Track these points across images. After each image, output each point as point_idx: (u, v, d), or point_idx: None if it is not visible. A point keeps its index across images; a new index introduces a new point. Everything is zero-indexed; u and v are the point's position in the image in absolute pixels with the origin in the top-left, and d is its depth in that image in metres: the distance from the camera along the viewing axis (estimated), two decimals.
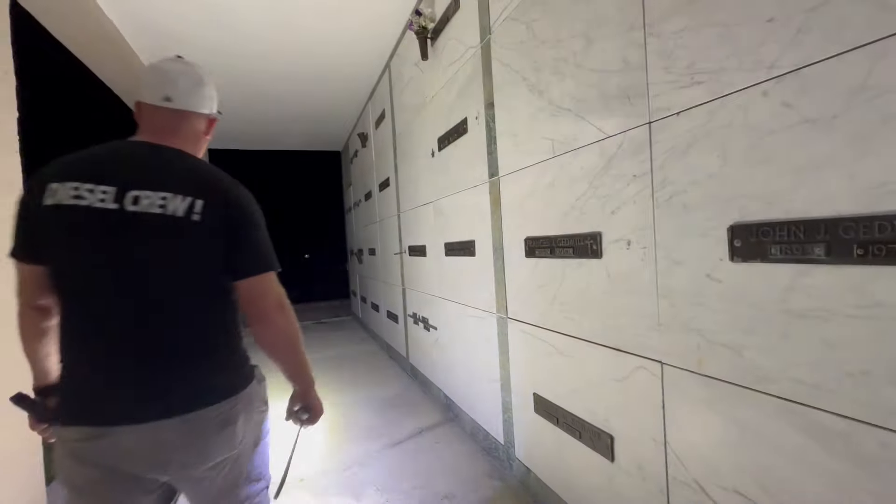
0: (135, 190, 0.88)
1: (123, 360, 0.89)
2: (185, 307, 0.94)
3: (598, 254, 1.41)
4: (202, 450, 0.94)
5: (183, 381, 0.92)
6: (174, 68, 1.03)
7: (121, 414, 0.88)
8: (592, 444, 1.50)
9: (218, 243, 0.93)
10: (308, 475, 2.22)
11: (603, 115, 1.37)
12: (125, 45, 3.25)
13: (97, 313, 0.89)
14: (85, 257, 0.88)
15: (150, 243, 0.89)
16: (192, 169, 0.96)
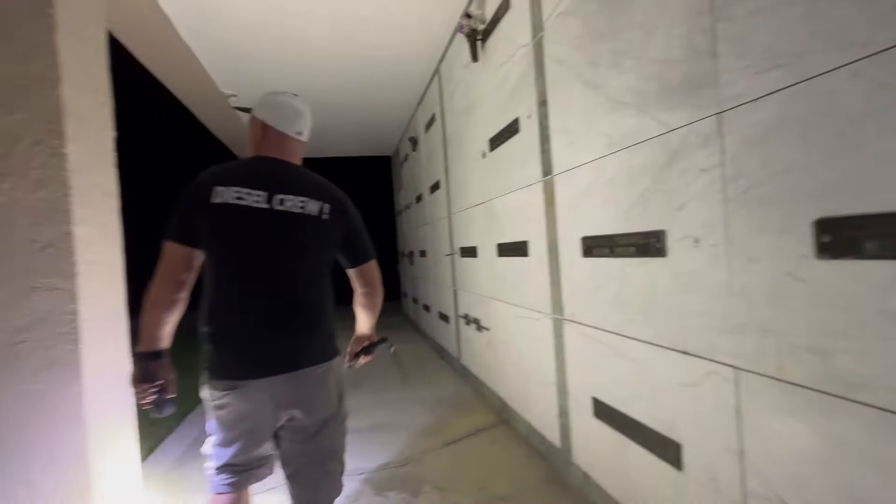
0: (280, 194, 1.19)
1: (274, 322, 1.17)
2: (312, 284, 1.25)
3: (663, 252, 1.35)
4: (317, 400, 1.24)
5: (314, 342, 1.23)
6: (305, 110, 1.35)
7: (271, 368, 1.15)
8: (657, 451, 1.44)
9: (338, 238, 1.29)
10: (367, 468, 2.30)
11: (666, 107, 1.31)
12: (200, 67, 3.54)
13: (249, 283, 1.17)
14: (243, 243, 1.16)
15: (291, 234, 1.20)
16: (319, 181, 1.30)
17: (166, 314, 1.17)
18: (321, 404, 1.25)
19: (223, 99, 4.22)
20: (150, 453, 2.66)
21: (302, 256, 1.23)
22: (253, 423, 1.18)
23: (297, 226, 1.21)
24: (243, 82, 3.99)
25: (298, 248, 1.22)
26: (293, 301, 1.20)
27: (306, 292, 1.23)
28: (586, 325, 1.80)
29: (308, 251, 1.24)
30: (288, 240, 1.20)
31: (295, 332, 1.20)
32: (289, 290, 1.20)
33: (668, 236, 1.33)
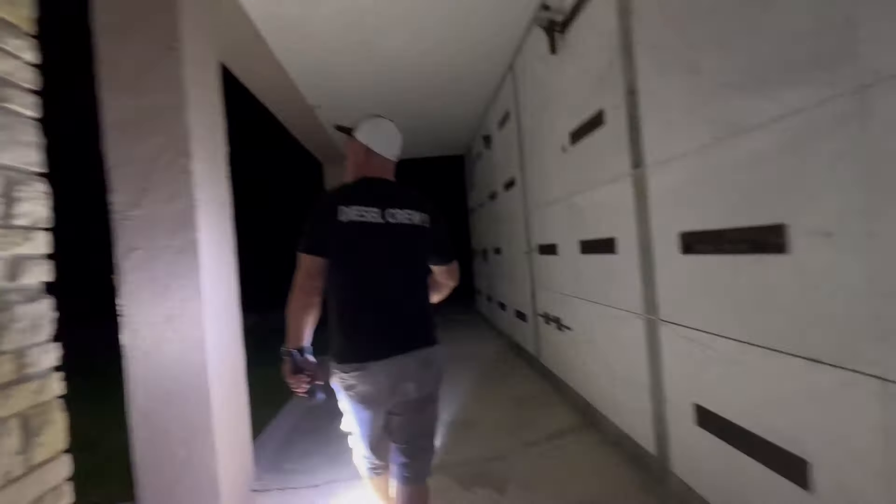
0: (390, 209, 1.40)
1: (392, 316, 1.39)
2: (418, 282, 1.49)
3: (783, 248, 1.22)
4: (427, 377, 1.44)
5: (422, 330, 1.46)
6: (400, 134, 1.56)
7: (391, 350, 1.36)
8: (779, 467, 1.30)
9: (432, 242, 1.49)
10: (450, 463, 2.35)
11: (789, 86, 1.18)
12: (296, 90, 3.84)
13: (375, 288, 1.38)
14: (364, 252, 1.37)
15: (402, 242, 1.42)
16: (417, 195, 1.50)
17: (308, 315, 1.36)
18: (427, 382, 1.45)
19: (310, 111, 4.53)
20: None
21: (410, 260, 1.47)
22: (376, 396, 1.37)
23: (406, 235, 1.43)
24: (326, 93, 4.26)
25: (408, 253, 1.45)
26: (405, 298, 1.44)
27: (415, 290, 1.48)
28: (687, 326, 1.68)
29: (415, 255, 1.48)
30: (399, 247, 1.43)
31: (407, 323, 1.43)
32: (402, 289, 1.43)
33: (791, 230, 1.19)
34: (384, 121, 1.53)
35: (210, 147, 2.10)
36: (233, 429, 2.10)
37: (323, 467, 2.42)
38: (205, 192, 2.00)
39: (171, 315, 1.91)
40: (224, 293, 2.12)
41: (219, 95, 2.26)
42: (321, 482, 2.26)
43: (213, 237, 2.05)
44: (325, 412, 3.28)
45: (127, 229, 1.91)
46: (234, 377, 2.17)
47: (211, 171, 2.09)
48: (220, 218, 2.14)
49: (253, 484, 2.26)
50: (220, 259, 2.11)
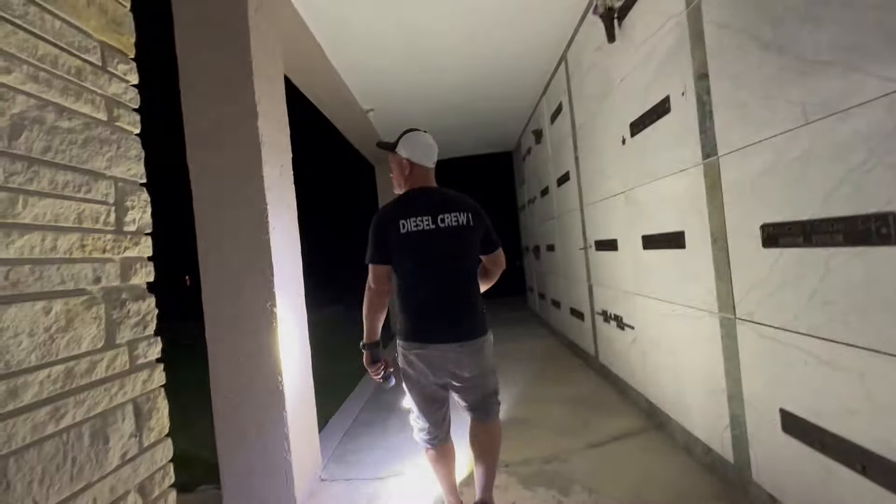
0: (441, 214, 1.62)
1: (447, 308, 1.63)
2: (470, 276, 1.71)
3: (890, 239, 1.10)
4: (480, 360, 1.67)
5: (473, 320, 1.66)
6: (435, 144, 1.76)
7: (447, 338, 1.61)
8: (885, 481, 1.18)
9: (480, 236, 1.70)
10: (512, 461, 2.34)
11: (890, 60, 1.06)
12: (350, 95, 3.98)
13: (431, 284, 1.63)
14: (423, 255, 1.61)
15: (453, 242, 1.63)
16: (460, 197, 1.71)
17: (380, 314, 1.68)
18: (480, 364, 1.68)
19: (363, 115, 4.67)
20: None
21: (462, 257, 1.67)
22: (430, 372, 1.65)
23: (456, 235, 1.64)
24: (378, 96, 4.37)
25: (459, 251, 1.66)
26: (459, 292, 1.67)
27: (467, 285, 1.70)
28: (770, 325, 1.56)
29: (465, 252, 1.68)
30: (452, 247, 1.64)
31: (462, 315, 1.65)
32: (455, 283, 1.67)
33: None
34: (421, 133, 1.74)
35: (278, 154, 2.22)
36: (302, 420, 2.21)
37: (385, 460, 2.49)
38: (274, 195, 2.12)
39: (246, 313, 2.04)
40: (293, 291, 2.24)
41: (284, 105, 2.38)
42: (385, 475, 2.33)
43: (283, 238, 2.17)
44: (384, 405, 3.38)
45: (206, 233, 2.07)
46: (302, 371, 2.28)
47: (279, 176, 2.21)
48: (288, 220, 2.26)
49: (321, 473, 2.38)
50: (289, 258, 2.23)
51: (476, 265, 1.75)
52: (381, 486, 2.22)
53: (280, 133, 2.29)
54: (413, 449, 2.58)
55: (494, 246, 1.77)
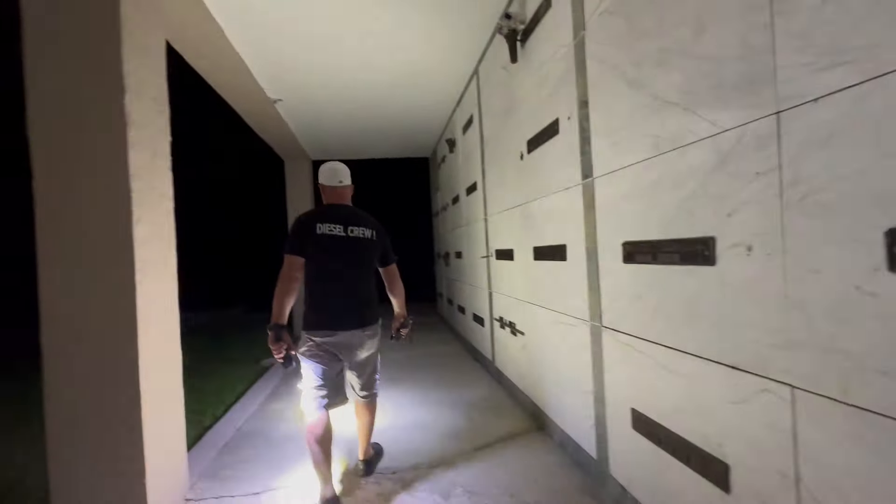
0: (351, 226, 2.03)
1: (348, 302, 2.01)
2: (366, 279, 2.10)
3: (711, 260, 1.28)
4: (370, 344, 2.08)
5: (368, 313, 2.06)
6: (340, 167, 2.15)
7: (345, 326, 1.97)
8: (703, 470, 1.36)
9: (380, 250, 2.15)
10: (399, 468, 2.32)
11: (717, 107, 1.24)
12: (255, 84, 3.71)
13: (336, 281, 2.00)
14: (332, 256, 1.99)
15: (358, 250, 2.05)
16: (367, 217, 2.15)
17: (289, 300, 1.90)
18: (371, 347, 2.11)
19: (270, 104, 4.39)
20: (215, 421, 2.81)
21: (363, 263, 2.10)
22: (336, 351, 2.01)
23: (361, 244, 2.07)
24: (288, 88, 4.14)
25: (362, 257, 2.08)
26: (360, 289, 2.07)
27: (366, 284, 2.10)
28: (627, 333, 1.73)
29: (366, 259, 2.11)
30: (357, 253, 2.06)
31: (359, 307, 2.04)
32: (356, 282, 2.06)
33: (718, 243, 1.25)
34: (328, 162, 2.18)
35: (151, 136, 1.99)
36: (164, 436, 1.98)
37: (265, 474, 2.32)
38: (142, 182, 1.89)
39: (97, 315, 1.78)
40: (162, 288, 2.01)
41: (164, 81, 2.14)
42: (261, 490, 2.17)
43: (151, 232, 1.94)
44: (272, 415, 3.17)
45: (53, 221, 1.77)
46: (169, 381, 2.05)
47: (151, 160, 1.97)
48: (161, 213, 2.03)
49: (187, 493, 2.15)
50: (158, 253, 1.99)
51: (373, 271, 2.17)
52: (254, 502, 2.06)
53: (156, 113, 2.06)
54: (297, 460, 2.44)
55: (391, 260, 2.23)
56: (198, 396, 3.87)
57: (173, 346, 2.10)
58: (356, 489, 2.14)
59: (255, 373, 4.56)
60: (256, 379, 4.26)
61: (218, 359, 5.35)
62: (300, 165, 6.95)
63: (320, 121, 5.26)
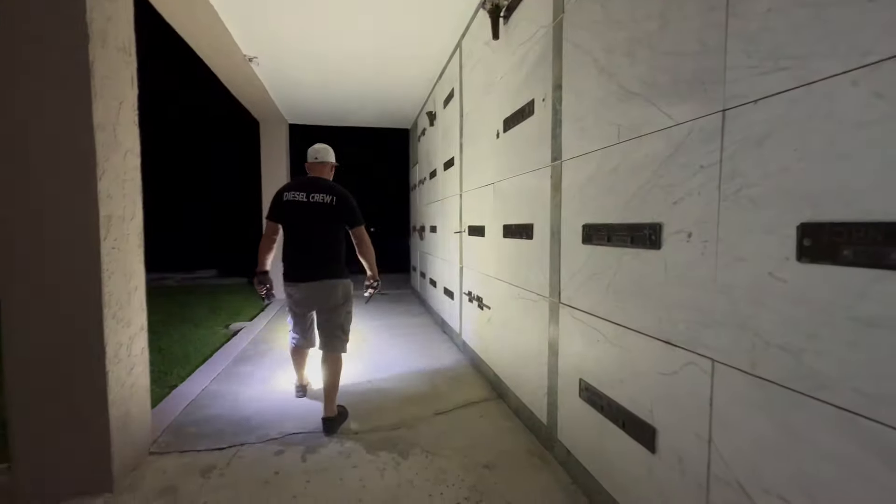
0: (312, 193, 2.45)
1: (307, 257, 2.44)
2: (328, 239, 2.47)
3: (657, 244, 1.38)
4: (327, 296, 2.47)
5: (325, 268, 2.45)
6: (318, 146, 2.68)
7: (304, 278, 2.44)
8: (635, 434, 1.51)
9: (340, 214, 2.48)
10: (361, 430, 2.43)
11: (674, 101, 1.31)
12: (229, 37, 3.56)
13: (299, 240, 2.46)
14: (296, 218, 2.45)
15: (318, 213, 2.45)
16: (329, 184, 2.53)
17: (267, 254, 2.55)
18: (334, 298, 2.50)
19: (245, 63, 4.24)
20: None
21: (325, 224, 2.49)
22: (300, 301, 2.54)
23: (321, 208, 2.47)
24: (265, 47, 4.00)
25: (323, 220, 2.48)
26: (319, 247, 2.49)
27: (326, 243, 2.49)
28: (581, 310, 1.85)
29: (328, 221, 2.49)
30: (317, 216, 2.47)
31: (320, 263, 2.48)
32: (317, 242, 2.49)
33: (664, 229, 1.35)
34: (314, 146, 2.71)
35: (117, 88, 1.93)
36: (128, 386, 2.01)
37: (229, 431, 2.39)
38: (106, 135, 1.85)
39: (62, 263, 1.77)
40: (127, 245, 1.99)
41: (131, 30, 2.06)
42: (226, 445, 2.24)
43: (116, 186, 1.91)
44: (238, 377, 3.22)
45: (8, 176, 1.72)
46: (133, 333, 2.06)
47: (115, 114, 1.92)
48: (125, 166, 1.99)
49: (150, 446, 2.20)
50: (123, 209, 1.97)
51: (336, 233, 2.52)
52: (219, 457, 2.13)
53: (123, 64, 1.99)
54: (263, 420, 2.52)
55: (356, 223, 2.55)
56: (164, 357, 3.87)
57: (138, 302, 2.10)
58: (319, 447, 2.24)
59: (224, 336, 4.57)
60: (224, 342, 4.27)
61: (187, 322, 5.31)
62: (276, 129, 6.75)
63: (299, 84, 5.11)
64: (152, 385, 2.31)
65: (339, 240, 2.51)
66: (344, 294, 2.51)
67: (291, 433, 2.38)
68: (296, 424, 2.47)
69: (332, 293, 2.46)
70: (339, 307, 2.49)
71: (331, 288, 2.45)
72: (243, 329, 4.82)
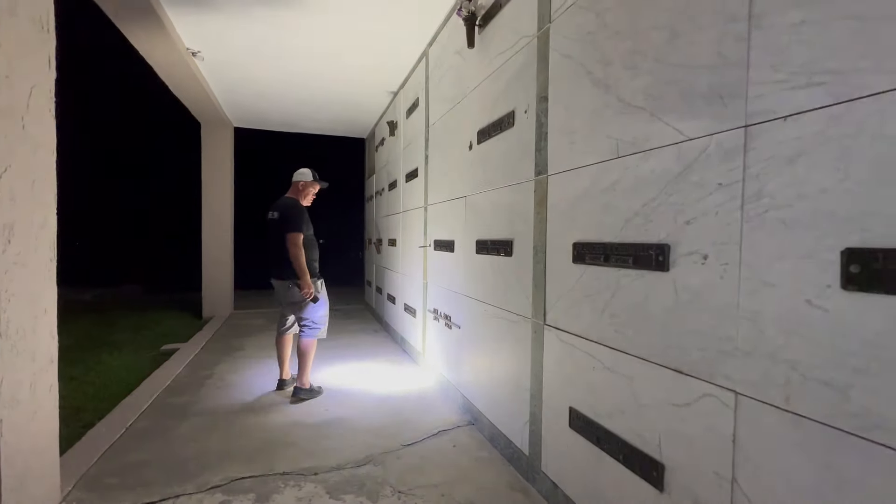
0: (272, 211, 3.15)
1: (271, 260, 3.12)
2: (280, 245, 3.02)
3: (665, 266, 1.30)
4: (287, 292, 3.08)
5: (279, 269, 3.07)
6: (300, 170, 3.25)
7: (273, 276, 3.15)
8: (638, 469, 1.40)
9: (280, 225, 3.05)
10: (322, 468, 2.15)
11: (684, 115, 1.25)
12: (166, 23, 3.18)
13: (268, 247, 3.12)
14: (267, 232, 3.15)
15: (272, 227, 3.12)
16: (283, 200, 3.19)
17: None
18: (294, 295, 3.04)
19: (186, 55, 3.84)
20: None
21: (275, 235, 3.04)
22: (275, 297, 3.22)
23: (273, 222, 3.09)
24: (210, 41, 3.65)
25: (274, 232, 3.06)
26: (275, 254, 3.06)
27: (279, 251, 3.02)
28: (571, 333, 1.74)
29: (278, 233, 3.03)
30: (271, 229, 3.10)
31: (276, 265, 3.07)
32: (273, 250, 3.07)
33: (674, 250, 1.27)
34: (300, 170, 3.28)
35: (26, 69, 1.58)
36: (29, 433, 1.62)
37: (160, 479, 2.02)
38: (13, 124, 1.50)
39: None
40: (36, 258, 1.62)
41: (49, 5, 1.72)
42: (156, 499, 1.88)
43: (23, 185, 1.55)
44: (172, 410, 2.79)
45: None
46: (37, 366, 1.67)
47: (27, 103, 1.57)
48: (35, 162, 1.63)
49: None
50: (31, 214, 1.61)
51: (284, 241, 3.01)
52: None
53: (38, 41, 1.64)
54: (203, 464, 2.16)
55: (286, 230, 3.01)
56: (78, 388, 3.32)
57: (45, 327, 1.72)
58: (272, 494, 1.94)
59: (154, 362, 4.03)
60: (153, 369, 3.75)
61: (106, 345, 4.65)
62: (220, 132, 6.24)
63: (246, 84, 4.74)
64: (61, 424, 1.88)
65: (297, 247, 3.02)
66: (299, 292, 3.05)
67: (238, 478, 2.05)
68: (243, 467, 2.14)
69: (291, 290, 3.04)
70: (299, 302, 3.06)
71: (289, 286, 3.04)
72: (178, 351, 4.28)
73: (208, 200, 6.21)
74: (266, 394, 3.16)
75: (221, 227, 6.30)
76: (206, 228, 6.23)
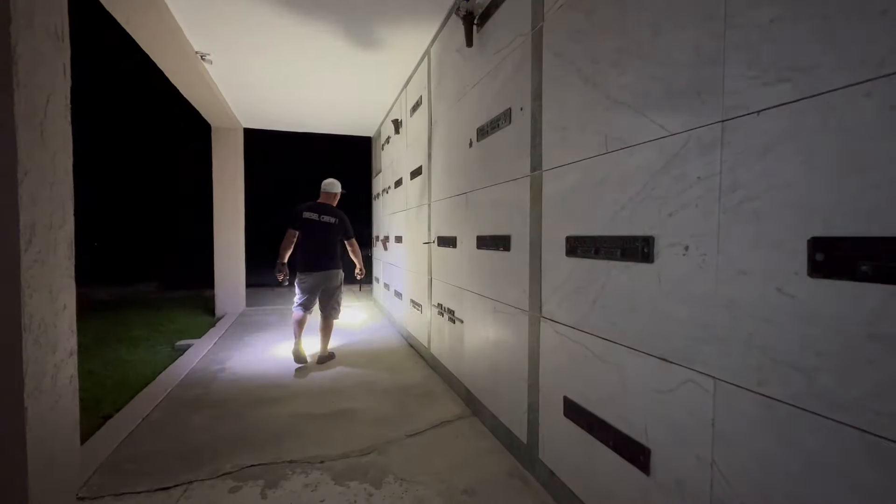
0: (323, 215, 3.88)
1: (318, 255, 3.82)
2: (332, 243, 3.90)
3: (650, 257, 1.34)
4: (331, 280, 3.89)
5: (328, 261, 3.86)
6: (328, 181, 4.08)
7: (317, 269, 3.80)
8: (626, 454, 1.45)
9: (341, 230, 3.95)
10: (328, 457, 2.24)
11: (666, 111, 1.29)
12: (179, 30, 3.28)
13: (312, 244, 3.82)
14: (311, 231, 3.81)
15: (325, 227, 3.87)
16: (335, 210, 3.98)
17: (285, 251, 3.74)
18: (331, 282, 3.87)
19: (196, 59, 3.95)
20: None
21: (328, 235, 3.85)
22: (311, 285, 3.80)
23: (327, 224, 3.86)
24: (219, 44, 3.74)
25: (327, 232, 3.85)
26: (324, 249, 3.83)
27: (331, 247, 3.86)
28: (565, 324, 1.79)
29: (330, 233, 3.86)
30: (324, 229, 3.84)
31: (323, 259, 3.82)
32: (323, 245, 3.83)
33: (657, 242, 1.32)
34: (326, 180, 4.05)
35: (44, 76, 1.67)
36: (52, 421, 1.72)
37: (177, 467, 2.12)
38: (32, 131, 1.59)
39: None
40: (55, 258, 1.72)
41: (64, 14, 1.81)
42: (170, 484, 1.98)
43: (41, 188, 1.65)
44: (186, 403, 2.91)
45: None
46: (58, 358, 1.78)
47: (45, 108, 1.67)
48: (54, 166, 1.73)
49: (79, 489, 1.90)
50: (50, 216, 1.70)
51: (336, 242, 3.88)
52: (163, 499, 1.88)
53: (53, 50, 1.74)
54: (216, 452, 2.26)
55: (348, 237, 3.96)
56: (96, 382, 3.46)
57: (65, 321, 1.82)
58: (280, 480, 2.03)
59: (169, 357, 4.17)
60: (168, 364, 3.88)
61: (123, 341, 4.82)
62: (230, 134, 6.38)
63: (258, 87, 4.84)
64: (81, 415, 2.00)
65: (337, 246, 3.88)
66: (340, 279, 3.93)
67: (248, 465, 2.14)
68: (253, 455, 2.24)
69: (335, 278, 3.86)
70: (336, 288, 3.90)
71: (334, 275, 3.84)
72: (192, 347, 4.42)
73: (220, 200, 6.35)
74: (275, 386, 3.26)
75: (233, 226, 6.45)
76: (218, 227, 6.38)
